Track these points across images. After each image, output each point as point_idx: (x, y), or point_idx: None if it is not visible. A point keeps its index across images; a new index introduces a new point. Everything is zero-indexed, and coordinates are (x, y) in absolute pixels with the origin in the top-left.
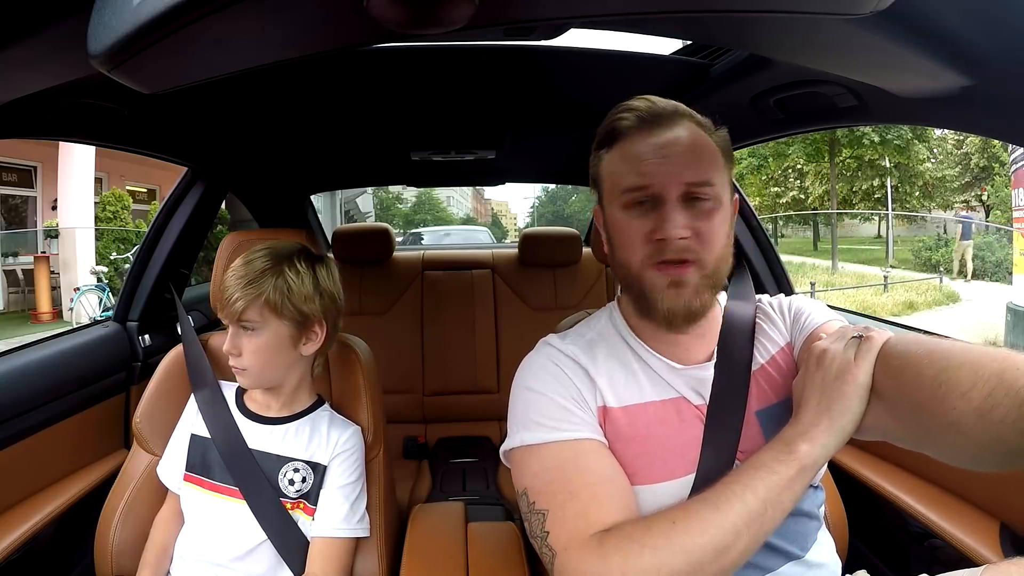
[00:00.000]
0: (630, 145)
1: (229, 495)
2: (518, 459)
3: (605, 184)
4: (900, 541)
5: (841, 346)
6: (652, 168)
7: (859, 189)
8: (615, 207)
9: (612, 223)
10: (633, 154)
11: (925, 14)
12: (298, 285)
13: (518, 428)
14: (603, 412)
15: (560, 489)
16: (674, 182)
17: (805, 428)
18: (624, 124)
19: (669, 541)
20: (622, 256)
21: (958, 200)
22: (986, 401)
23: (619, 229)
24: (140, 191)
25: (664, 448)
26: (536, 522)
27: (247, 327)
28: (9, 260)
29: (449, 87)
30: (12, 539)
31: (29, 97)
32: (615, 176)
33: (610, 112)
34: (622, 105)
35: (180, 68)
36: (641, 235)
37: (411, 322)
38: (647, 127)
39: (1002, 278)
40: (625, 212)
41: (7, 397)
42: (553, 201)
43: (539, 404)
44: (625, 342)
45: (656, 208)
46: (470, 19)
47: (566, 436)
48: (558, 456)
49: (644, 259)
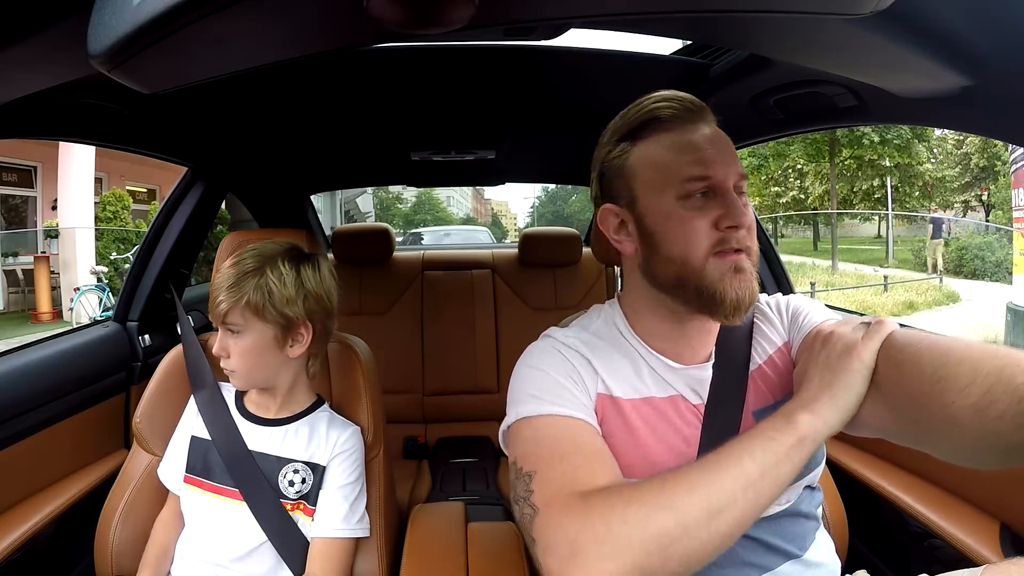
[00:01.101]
0: (680, 135)
1: (229, 496)
2: (512, 433)
3: (645, 175)
4: (900, 541)
5: (849, 328)
6: (713, 157)
7: (859, 189)
8: (667, 198)
9: (664, 215)
10: (688, 143)
11: (925, 14)
12: (279, 288)
13: (515, 404)
14: (604, 399)
15: (550, 454)
16: (732, 174)
17: (806, 401)
18: (668, 112)
19: (658, 498)
20: (679, 249)
21: (958, 200)
22: (984, 397)
23: (675, 220)
24: (140, 191)
25: (662, 444)
26: (521, 485)
27: (232, 329)
28: (9, 260)
29: (449, 87)
30: (12, 539)
31: (29, 97)
32: (666, 165)
33: (637, 104)
34: (654, 96)
35: (180, 68)
36: (706, 225)
37: (411, 322)
38: (693, 117)
39: (1002, 278)
40: (683, 203)
41: (7, 397)
42: (553, 201)
43: (536, 379)
44: (625, 340)
45: (717, 198)
46: (470, 19)
47: (561, 411)
48: (552, 426)
49: (708, 248)
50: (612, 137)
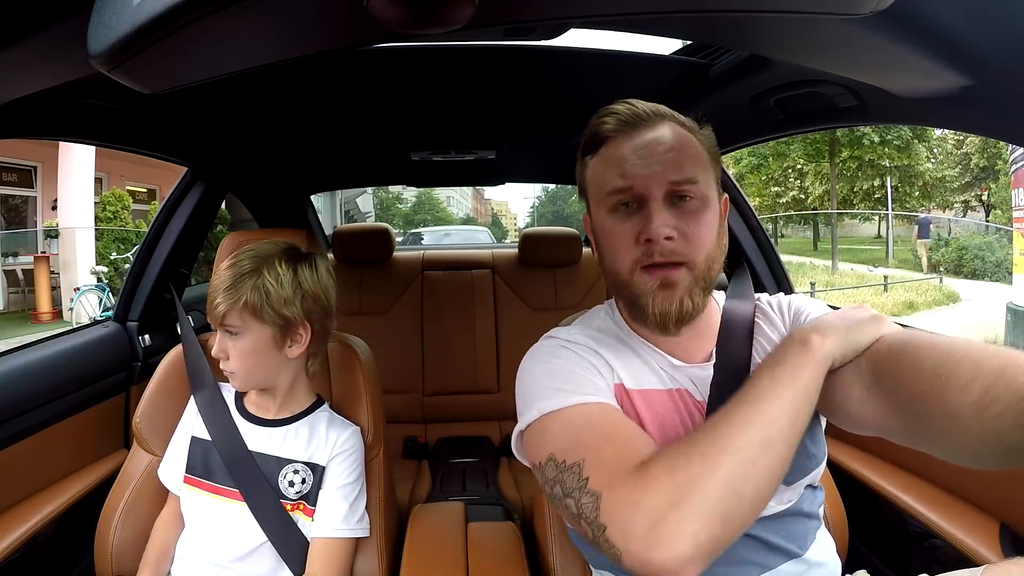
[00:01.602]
0: (613, 149)
1: (229, 497)
2: (537, 431)
3: (591, 190)
4: (900, 541)
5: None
6: (634, 169)
7: (859, 189)
8: (601, 212)
9: (599, 228)
10: (616, 157)
11: (925, 14)
12: (276, 288)
13: (532, 401)
14: (620, 389)
15: (592, 439)
16: (657, 181)
17: (818, 326)
18: (606, 128)
19: (716, 443)
20: (611, 261)
21: (958, 200)
22: (985, 396)
23: (606, 233)
24: (140, 191)
25: (675, 436)
26: (571, 478)
27: (230, 331)
28: (9, 260)
29: (449, 87)
30: (12, 539)
31: (29, 97)
32: (599, 181)
33: (592, 118)
34: (603, 110)
35: (180, 68)
36: (628, 238)
37: (411, 322)
38: (628, 129)
39: (1002, 278)
40: (611, 216)
41: (7, 397)
42: (553, 201)
43: (556, 372)
44: (629, 336)
45: (641, 209)
46: (470, 19)
47: (590, 399)
48: (585, 414)
49: (633, 263)
50: (579, 151)
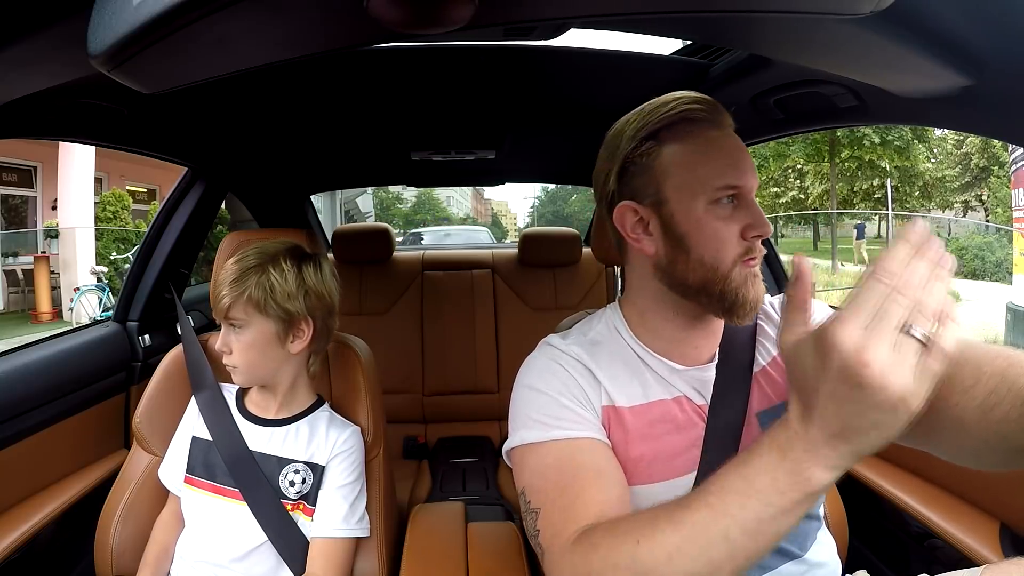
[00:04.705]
0: (712, 139)
1: (230, 497)
2: (518, 458)
3: (677, 177)
4: (900, 541)
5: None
6: (745, 166)
7: (859, 189)
8: (697, 203)
9: (694, 221)
10: (721, 149)
11: (925, 14)
12: (281, 283)
13: (518, 427)
14: (610, 411)
15: (553, 486)
16: (755, 181)
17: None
18: (700, 115)
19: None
20: (710, 255)
21: (958, 200)
22: (989, 398)
23: (707, 226)
24: (140, 191)
25: (668, 446)
26: (531, 521)
27: (234, 325)
28: (9, 260)
29: (449, 87)
30: (12, 539)
31: (29, 97)
32: (700, 170)
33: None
34: (681, 96)
35: (180, 68)
36: (734, 232)
37: (411, 322)
38: (720, 121)
39: (1002, 278)
40: (712, 208)
41: (7, 397)
42: (553, 201)
43: (539, 402)
44: (626, 344)
45: (743, 207)
46: (470, 19)
47: (565, 434)
48: (556, 454)
49: (737, 257)
50: (636, 134)
